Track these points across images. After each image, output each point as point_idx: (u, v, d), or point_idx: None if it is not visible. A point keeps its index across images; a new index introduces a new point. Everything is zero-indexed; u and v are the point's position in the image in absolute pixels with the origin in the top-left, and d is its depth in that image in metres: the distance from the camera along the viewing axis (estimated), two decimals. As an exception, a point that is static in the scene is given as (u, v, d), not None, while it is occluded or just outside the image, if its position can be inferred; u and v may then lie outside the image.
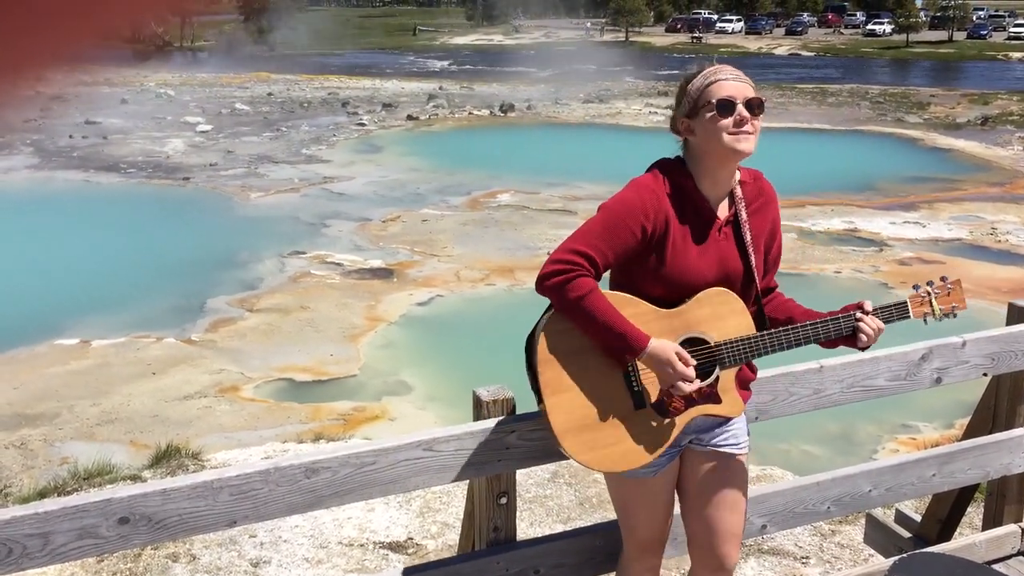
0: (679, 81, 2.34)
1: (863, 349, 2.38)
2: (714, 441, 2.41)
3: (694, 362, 2.21)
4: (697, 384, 2.24)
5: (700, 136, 2.22)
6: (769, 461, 7.41)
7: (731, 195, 2.30)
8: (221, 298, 13.31)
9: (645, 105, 34.82)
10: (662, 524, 2.49)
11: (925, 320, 2.44)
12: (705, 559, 2.46)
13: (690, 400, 2.25)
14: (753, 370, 2.47)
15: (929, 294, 2.44)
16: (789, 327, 2.31)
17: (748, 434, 2.50)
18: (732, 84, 2.21)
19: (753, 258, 2.29)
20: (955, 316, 2.48)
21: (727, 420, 2.40)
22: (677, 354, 2.18)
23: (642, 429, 2.26)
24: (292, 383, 10.44)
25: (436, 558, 4.55)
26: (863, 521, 4.29)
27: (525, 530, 4.93)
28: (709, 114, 2.19)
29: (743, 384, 2.41)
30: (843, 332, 2.33)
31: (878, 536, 4.03)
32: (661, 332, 2.20)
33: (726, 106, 2.18)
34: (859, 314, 2.33)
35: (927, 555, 3.25)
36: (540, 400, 2.25)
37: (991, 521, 3.58)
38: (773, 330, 2.30)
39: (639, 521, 2.47)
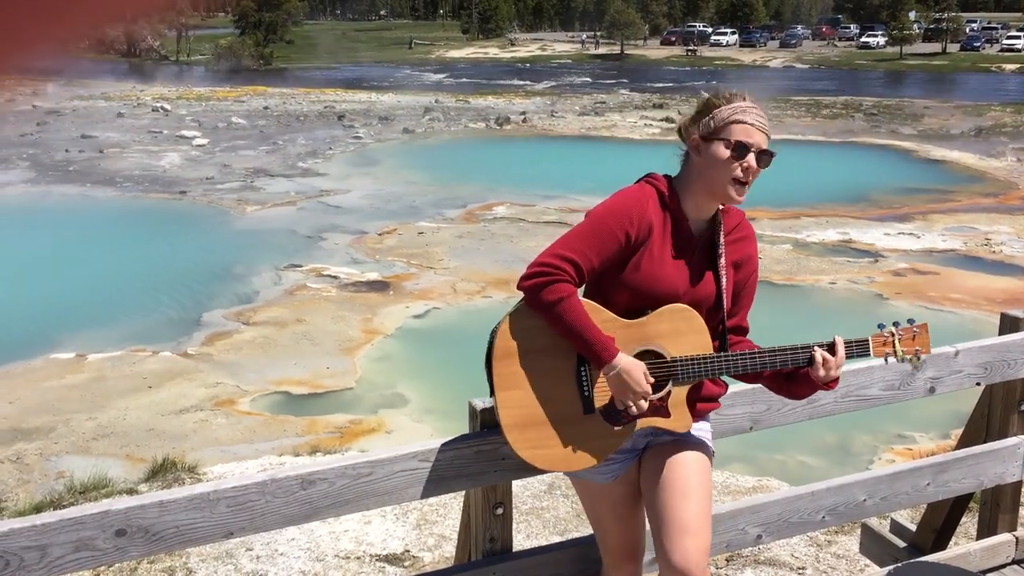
0: (706, 93, 2.34)
1: (825, 385, 2.31)
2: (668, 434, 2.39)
3: (652, 381, 2.22)
4: (649, 398, 2.24)
5: (703, 162, 2.24)
6: (766, 472, 7.42)
7: (712, 220, 2.33)
8: (217, 311, 13.31)
9: (640, 118, 34.94)
10: (632, 532, 2.48)
11: (886, 360, 2.38)
12: (662, 561, 2.25)
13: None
14: (721, 385, 2.44)
15: (893, 335, 2.37)
16: (747, 352, 2.30)
17: (711, 432, 2.45)
18: (755, 131, 2.22)
19: (724, 281, 2.31)
20: (919, 360, 2.40)
21: None
22: (644, 374, 2.20)
23: (588, 434, 2.27)
24: (288, 396, 10.44)
25: (432, 570, 4.55)
26: (859, 531, 4.30)
27: (522, 542, 4.92)
28: (724, 149, 2.20)
29: (711, 398, 2.40)
30: (800, 362, 2.29)
31: (873, 546, 4.04)
32: (619, 342, 2.22)
33: (742, 151, 2.20)
34: (816, 346, 2.30)
35: (922, 564, 3.26)
36: (492, 393, 2.29)
37: (985, 530, 3.59)
38: (731, 353, 2.30)
39: (608, 530, 2.47)
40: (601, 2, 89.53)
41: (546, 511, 5.62)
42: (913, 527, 3.94)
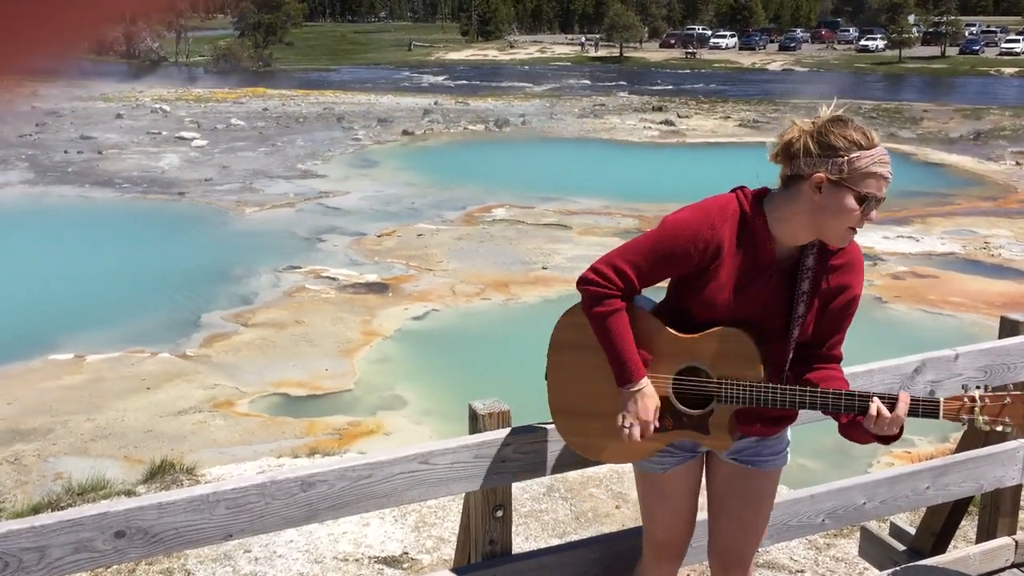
0: (839, 129, 2.11)
1: (882, 439, 2.24)
2: (738, 449, 2.41)
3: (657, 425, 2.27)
4: (651, 426, 2.29)
5: (823, 204, 2.09)
6: (764, 475, 7.40)
7: (805, 244, 2.21)
8: (216, 313, 13.30)
9: (639, 120, 34.95)
10: (680, 529, 2.50)
11: (963, 423, 2.23)
12: (717, 553, 2.53)
13: (679, 422, 2.29)
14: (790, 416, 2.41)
15: (975, 401, 2.18)
16: (798, 387, 2.22)
17: (786, 451, 2.48)
18: (885, 183, 2.11)
19: (801, 307, 2.20)
20: (1008, 431, 2.20)
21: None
22: (656, 410, 2.26)
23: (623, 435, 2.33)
24: (287, 398, 10.43)
25: (431, 572, 4.55)
26: (858, 534, 4.30)
27: (520, 544, 4.92)
28: (853, 201, 2.07)
29: (774, 421, 2.37)
30: (855, 409, 2.19)
31: (873, 549, 4.04)
32: (663, 354, 2.26)
33: (870, 204, 2.09)
34: (876, 398, 2.19)
35: (921, 568, 3.26)
36: (546, 376, 2.40)
37: (985, 534, 3.59)
38: (780, 385, 2.23)
39: (655, 521, 2.51)
40: (600, 4, 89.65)
41: (545, 514, 5.61)
42: (912, 530, 3.94)
